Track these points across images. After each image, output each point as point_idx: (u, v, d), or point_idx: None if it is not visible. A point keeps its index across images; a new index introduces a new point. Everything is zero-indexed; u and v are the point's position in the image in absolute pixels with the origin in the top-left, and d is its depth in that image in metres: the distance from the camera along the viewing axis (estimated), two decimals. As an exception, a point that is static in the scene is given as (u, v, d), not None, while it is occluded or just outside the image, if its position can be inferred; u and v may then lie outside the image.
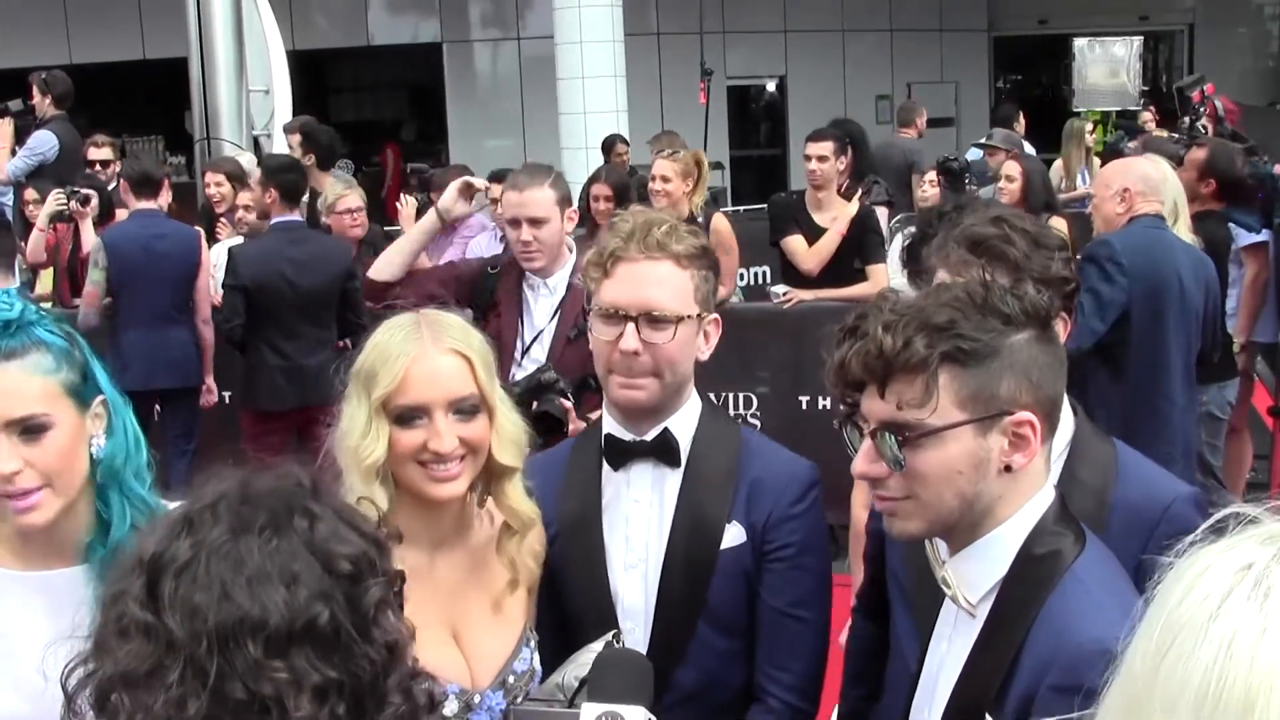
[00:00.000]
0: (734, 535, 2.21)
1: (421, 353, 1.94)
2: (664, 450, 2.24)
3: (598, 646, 1.97)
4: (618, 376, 2.19)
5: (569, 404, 3.34)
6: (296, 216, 6.04)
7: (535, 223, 3.81)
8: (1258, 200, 5.68)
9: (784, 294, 6.24)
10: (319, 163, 7.54)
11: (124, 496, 1.88)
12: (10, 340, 1.78)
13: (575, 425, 3.31)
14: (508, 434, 2.01)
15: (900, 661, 2.12)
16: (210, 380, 6.29)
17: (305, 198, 6.45)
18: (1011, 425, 1.63)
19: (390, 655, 1.19)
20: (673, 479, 2.24)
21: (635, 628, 2.22)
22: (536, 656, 2.09)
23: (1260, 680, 0.85)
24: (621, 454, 2.26)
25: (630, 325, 2.16)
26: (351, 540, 1.21)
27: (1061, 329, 2.04)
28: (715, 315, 2.28)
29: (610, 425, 2.27)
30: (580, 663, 1.96)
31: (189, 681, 1.11)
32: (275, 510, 1.20)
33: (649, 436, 2.24)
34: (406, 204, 6.79)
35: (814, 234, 6.25)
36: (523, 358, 3.84)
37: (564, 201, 3.91)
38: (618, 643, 1.97)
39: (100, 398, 1.87)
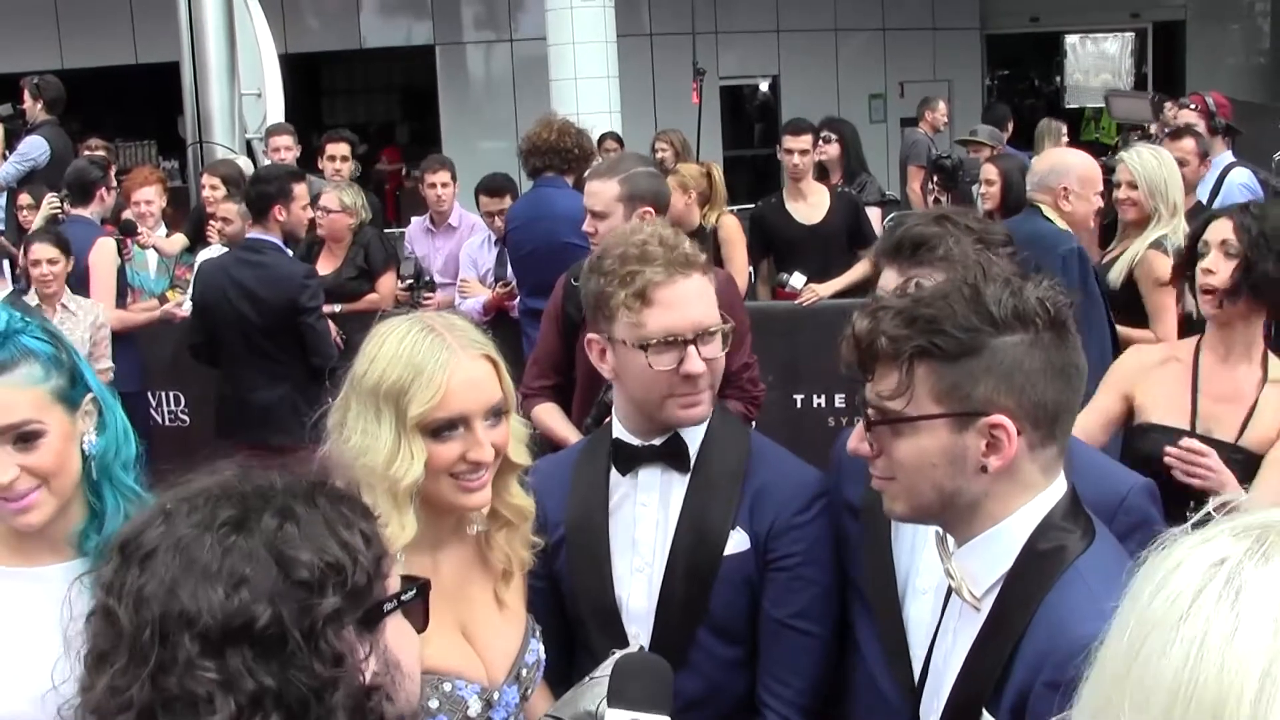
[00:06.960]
0: (737, 542, 2.18)
1: (456, 362, 1.84)
2: (674, 455, 2.22)
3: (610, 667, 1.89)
4: (680, 399, 2.16)
5: None
6: (266, 235, 5.53)
7: (596, 215, 3.82)
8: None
9: (801, 287, 6.21)
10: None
11: (115, 488, 1.89)
12: None
13: None
14: (518, 432, 1.98)
15: (864, 670, 2.10)
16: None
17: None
18: (987, 426, 1.61)
19: (338, 670, 1.15)
20: (680, 483, 2.22)
21: (640, 632, 2.20)
22: (541, 645, 2.07)
23: (1230, 681, 0.83)
24: (630, 459, 2.24)
25: (691, 348, 2.13)
26: (326, 549, 1.17)
27: None
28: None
29: (619, 430, 2.25)
30: (598, 694, 1.88)
31: (132, 669, 1.12)
32: (248, 507, 1.18)
33: (658, 441, 2.22)
34: None
35: (794, 232, 6.42)
36: None
37: (633, 200, 3.78)
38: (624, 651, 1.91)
39: (89, 395, 1.88)
